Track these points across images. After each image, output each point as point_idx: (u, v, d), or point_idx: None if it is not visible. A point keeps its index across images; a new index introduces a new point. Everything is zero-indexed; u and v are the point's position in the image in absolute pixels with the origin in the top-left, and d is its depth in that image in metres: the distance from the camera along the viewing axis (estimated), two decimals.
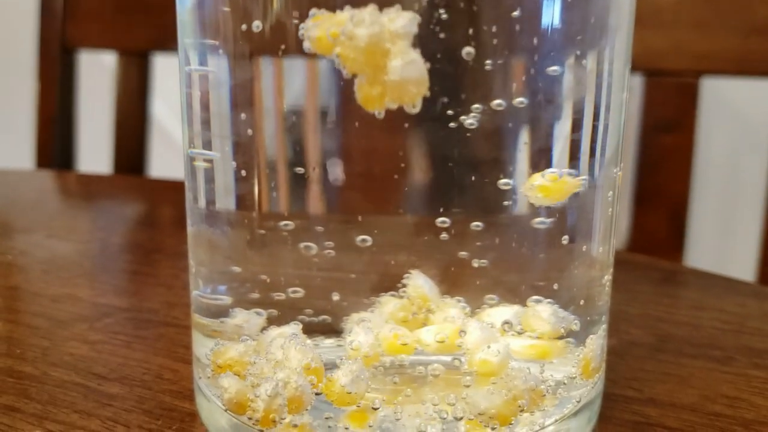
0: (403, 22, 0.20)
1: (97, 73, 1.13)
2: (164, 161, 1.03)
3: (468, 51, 0.21)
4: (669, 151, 0.72)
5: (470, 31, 0.21)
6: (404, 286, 0.23)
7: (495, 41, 0.21)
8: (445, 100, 0.21)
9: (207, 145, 0.24)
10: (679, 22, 0.70)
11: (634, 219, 0.72)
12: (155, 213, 0.62)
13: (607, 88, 0.24)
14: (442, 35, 0.20)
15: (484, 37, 0.21)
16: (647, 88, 0.73)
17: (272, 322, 0.24)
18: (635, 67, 0.70)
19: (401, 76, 0.21)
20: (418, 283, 0.23)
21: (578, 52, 0.22)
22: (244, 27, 0.22)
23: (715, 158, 1.17)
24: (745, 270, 0.73)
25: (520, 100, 0.22)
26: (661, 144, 0.73)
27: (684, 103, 0.72)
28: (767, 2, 0.67)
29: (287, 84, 0.23)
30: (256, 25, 0.21)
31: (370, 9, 0.20)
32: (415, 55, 0.21)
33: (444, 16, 0.20)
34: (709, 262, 1.10)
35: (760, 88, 1.06)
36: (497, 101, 0.21)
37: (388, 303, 0.23)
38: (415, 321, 0.24)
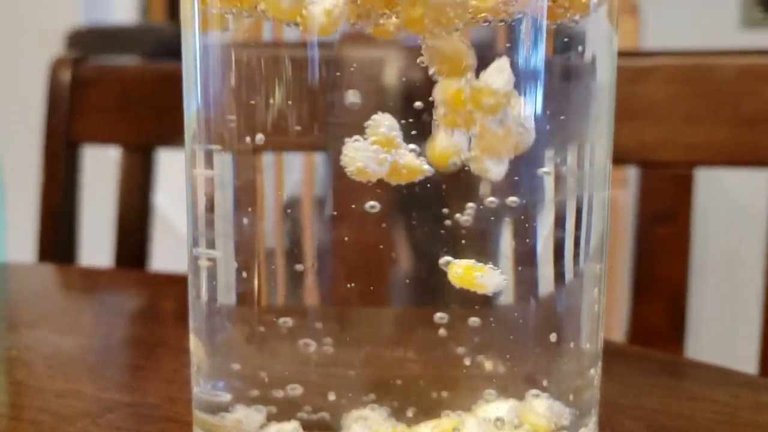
0: None
1: (100, 166, 1.16)
2: (166, 252, 1.04)
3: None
4: (665, 242, 0.73)
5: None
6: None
7: None
8: (440, 197, 0.22)
9: (210, 244, 0.26)
10: (670, 115, 0.72)
11: (633, 310, 0.72)
12: (157, 307, 0.63)
13: (589, 184, 0.25)
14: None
15: None
16: (642, 179, 0.74)
17: (271, 418, 0.24)
18: (629, 160, 0.72)
19: None
20: None
21: (557, 147, 0.24)
22: (248, 139, 0.23)
23: (713, 247, 1.18)
24: (748, 360, 0.73)
25: (511, 199, 0.23)
26: (657, 234, 0.74)
27: (679, 193, 0.73)
28: (753, 97, 0.69)
29: (288, 184, 0.24)
30: (259, 138, 0.23)
31: None
32: None
33: (436, 120, 0.22)
34: (711, 352, 1.10)
35: (757, 177, 1.08)
36: (489, 199, 0.23)
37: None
38: None
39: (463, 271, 0.23)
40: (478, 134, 0.22)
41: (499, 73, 0.22)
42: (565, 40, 0.24)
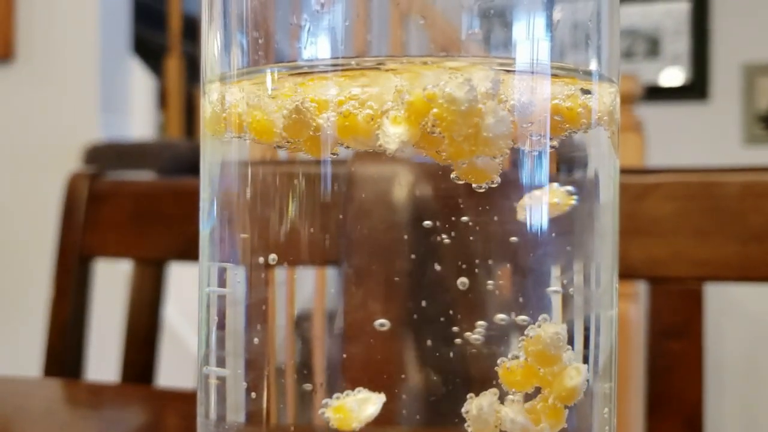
0: (491, 83, 0.22)
1: (110, 279, 1.16)
2: (174, 366, 1.04)
3: (462, 281, 0.22)
4: (679, 357, 0.72)
5: (463, 264, 0.23)
6: None
7: (487, 268, 0.23)
8: (450, 316, 0.23)
9: (220, 362, 0.26)
10: (677, 231, 0.72)
11: (649, 427, 0.71)
12: (163, 424, 0.62)
13: (596, 303, 0.25)
14: (438, 267, 0.22)
15: (478, 266, 0.22)
16: (651, 295, 0.74)
17: None
18: (638, 275, 0.72)
19: (494, 132, 0.22)
20: None
21: (564, 266, 0.24)
22: (261, 258, 0.24)
23: (729, 361, 1.16)
24: None
25: (521, 318, 0.23)
26: (670, 350, 0.73)
27: (689, 308, 0.73)
28: (761, 212, 0.70)
29: (299, 300, 0.24)
30: (272, 258, 0.23)
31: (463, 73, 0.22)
32: (504, 113, 0.22)
33: (446, 241, 0.22)
34: None
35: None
36: (500, 317, 0.23)
37: None
38: None
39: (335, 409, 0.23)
40: None
41: None
42: (567, 158, 0.24)
